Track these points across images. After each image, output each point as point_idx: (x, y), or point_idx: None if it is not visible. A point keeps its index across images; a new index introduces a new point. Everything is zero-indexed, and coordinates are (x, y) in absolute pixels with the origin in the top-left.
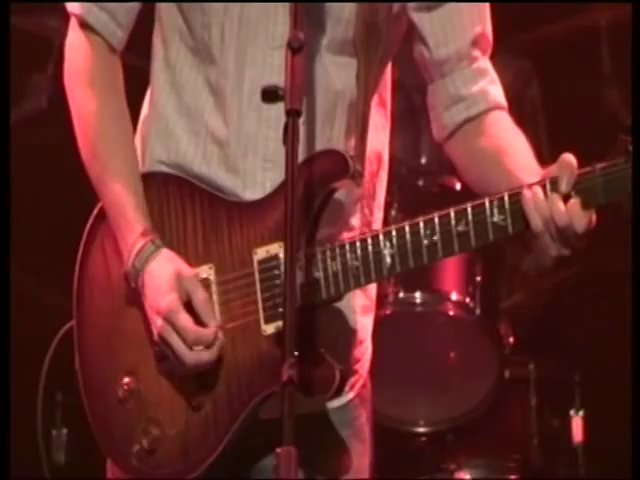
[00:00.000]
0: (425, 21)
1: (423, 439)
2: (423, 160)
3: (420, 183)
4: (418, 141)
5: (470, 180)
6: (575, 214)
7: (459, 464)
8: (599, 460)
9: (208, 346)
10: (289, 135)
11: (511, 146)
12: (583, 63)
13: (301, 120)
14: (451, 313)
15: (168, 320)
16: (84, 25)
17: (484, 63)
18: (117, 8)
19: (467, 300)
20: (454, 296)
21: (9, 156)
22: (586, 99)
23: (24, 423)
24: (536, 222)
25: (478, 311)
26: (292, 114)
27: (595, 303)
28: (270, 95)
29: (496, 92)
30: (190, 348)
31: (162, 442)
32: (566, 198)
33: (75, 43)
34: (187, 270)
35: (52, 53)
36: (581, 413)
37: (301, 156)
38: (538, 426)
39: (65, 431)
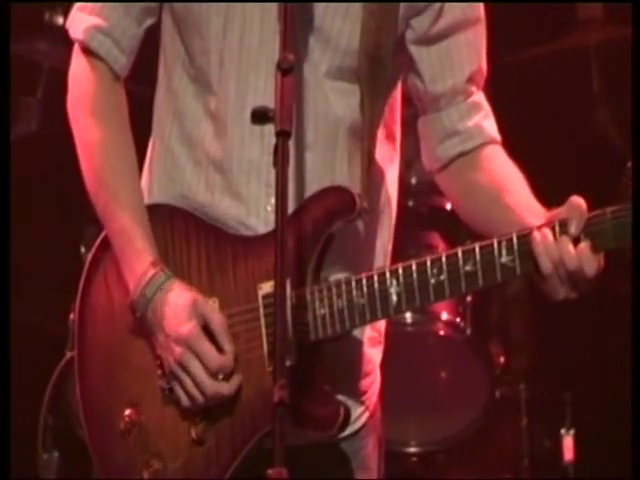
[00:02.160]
0: (424, 55)
1: (414, 459)
2: (413, 181)
3: (410, 204)
4: (408, 162)
5: (466, 214)
6: (585, 257)
7: None
8: (590, 479)
9: (228, 375)
10: (279, 156)
11: (510, 183)
12: (573, 83)
13: (304, 146)
14: (441, 333)
15: (190, 347)
16: (87, 51)
17: (479, 97)
18: (120, 34)
19: (457, 320)
20: (444, 316)
21: (9, 181)
22: (576, 119)
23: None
24: (546, 265)
25: (469, 331)
26: (282, 135)
27: (585, 323)
28: (260, 116)
29: (490, 126)
30: (212, 376)
31: (164, 475)
32: (575, 241)
33: (79, 70)
34: (202, 297)
35: (42, 77)
36: (572, 432)
37: (304, 183)
38: (529, 446)
39: (56, 454)
